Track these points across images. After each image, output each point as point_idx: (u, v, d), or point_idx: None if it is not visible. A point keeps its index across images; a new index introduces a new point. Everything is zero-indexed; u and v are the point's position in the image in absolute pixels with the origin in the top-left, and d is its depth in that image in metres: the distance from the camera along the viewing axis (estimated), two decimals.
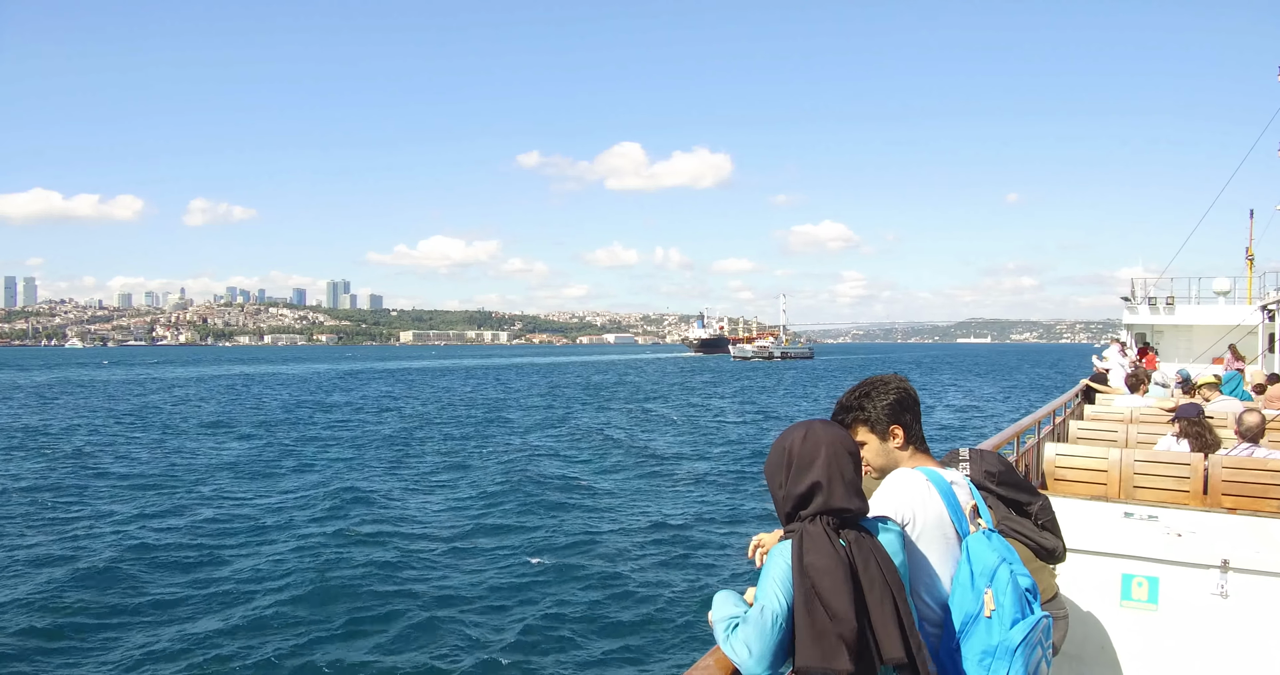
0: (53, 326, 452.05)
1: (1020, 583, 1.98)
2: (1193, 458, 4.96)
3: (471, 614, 9.78)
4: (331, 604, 10.08)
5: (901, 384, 2.25)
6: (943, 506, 2.09)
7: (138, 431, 28.75)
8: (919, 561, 2.04)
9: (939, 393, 50.26)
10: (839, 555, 1.76)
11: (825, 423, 1.99)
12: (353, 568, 11.46)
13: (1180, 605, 3.54)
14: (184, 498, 16.51)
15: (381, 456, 22.52)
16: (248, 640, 8.94)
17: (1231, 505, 4.69)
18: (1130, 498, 4.93)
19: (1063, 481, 5.13)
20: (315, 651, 8.69)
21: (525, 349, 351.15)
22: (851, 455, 1.92)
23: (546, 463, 21.12)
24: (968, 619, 1.97)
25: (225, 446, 24.64)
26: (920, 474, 2.14)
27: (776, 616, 1.75)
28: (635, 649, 8.86)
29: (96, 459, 21.80)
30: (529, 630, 9.27)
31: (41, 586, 10.64)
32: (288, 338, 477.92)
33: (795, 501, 1.87)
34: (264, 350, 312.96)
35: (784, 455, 1.91)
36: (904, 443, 2.22)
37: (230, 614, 9.75)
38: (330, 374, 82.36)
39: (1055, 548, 2.81)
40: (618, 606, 10.07)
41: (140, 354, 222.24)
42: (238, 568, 11.59)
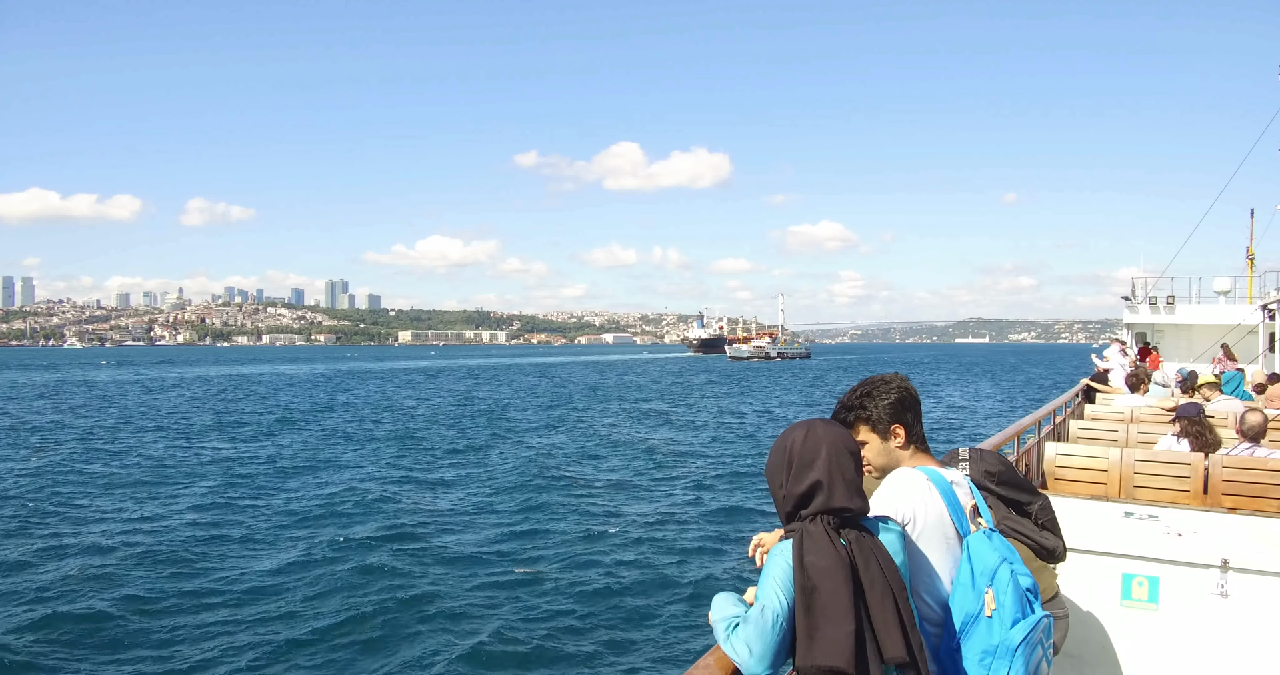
0: (50, 327, 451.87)
1: (1021, 582, 1.98)
2: (1193, 457, 4.97)
3: (472, 614, 9.78)
4: (331, 606, 10.09)
5: (903, 383, 2.26)
6: (943, 506, 2.09)
7: (146, 432, 28.77)
8: (919, 561, 2.04)
9: (935, 391, 50.28)
10: (840, 555, 1.76)
11: (826, 422, 1.99)
12: (352, 568, 11.46)
13: (1181, 605, 3.55)
14: (187, 499, 16.49)
15: (383, 457, 22.52)
16: (246, 641, 8.95)
17: (1232, 505, 4.69)
18: (1130, 497, 4.94)
19: (1063, 481, 5.14)
20: (316, 652, 8.70)
21: (526, 349, 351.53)
22: (853, 455, 1.92)
23: (547, 463, 21.11)
24: (968, 618, 1.97)
25: (223, 447, 24.64)
26: (920, 473, 2.15)
27: (777, 616, 1.76)
28: (635, 648, 8.86)
29: (115, 458, 21.83)
30: (529, 630, 9.27)
31: (47, 587, 10.65)
32: (286, 338, 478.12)
33: (796, 501, 1.88)
34: (263, 350, 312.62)
35: (785, 454, 1.92)
36: (905, 442, 2.23)
37: (226, 614, 9.75)
38: (342, 373, 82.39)
39: (1055, 547, 2.81)
40: (617, 606, 10.07)
41: (139, 354, 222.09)
42: (233, 568, 11.60)
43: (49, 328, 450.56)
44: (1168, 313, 18.53)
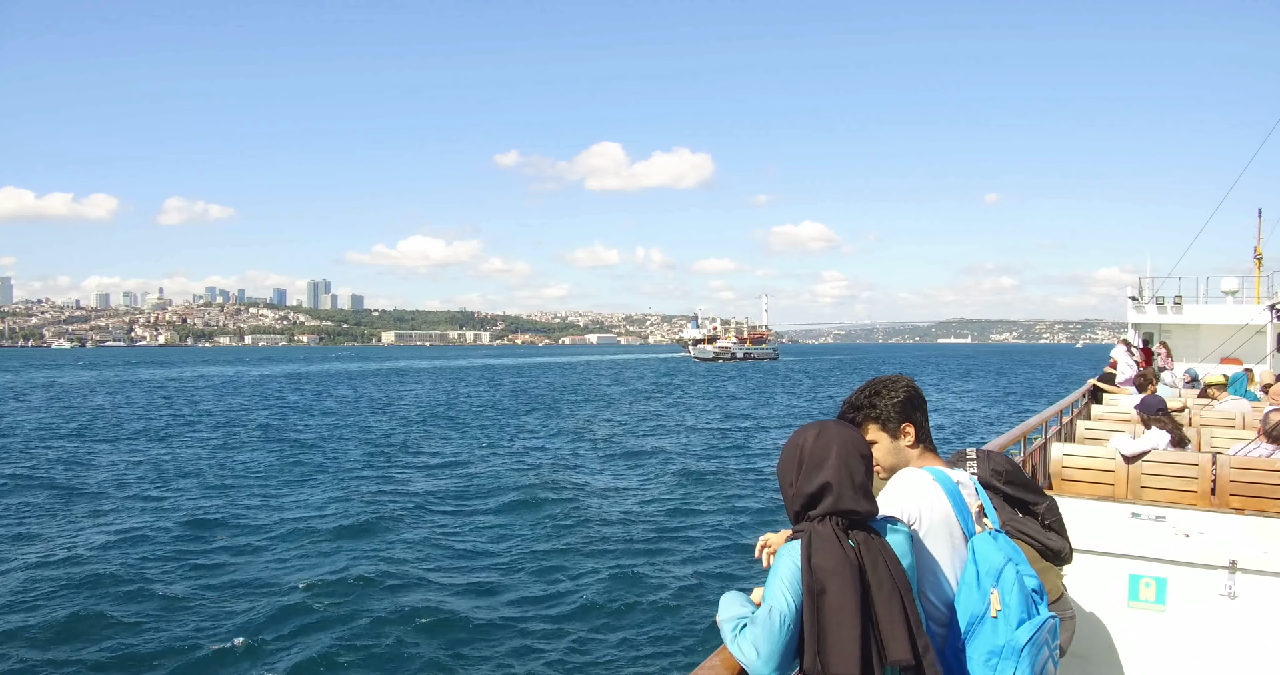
0: (29, 327, 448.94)
1: (1027, 583, 2.00)
2: (1200, 458, 5.02)
3: (475, 614, 9.81)
4: (331, 605, 10.10)
5: (910, 383, 2.29)
6: (949, 506, 2.12)
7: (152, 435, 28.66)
8: (925, 561, 2.06)
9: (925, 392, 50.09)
10: (847, 556, 1.78)
11: (838, 423, 2.02)
12: (352, 568, 11.50)
13: (1188, 606, 3.58)
14: (174, 502, 16.47)
15: (380, 458, 22.51)
16: (241, 641, 8.95)
17: (1239, 505, 4.75)
18: (1138, 498, 4.99)
19: (1070, 482, 5.19)
20: (314, 652, 8.70)
21: (526, 349, 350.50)
22: (863, 458, 1.93)
23: (546, 465, 21.12)
24: (973, 619, 1.99)
25: (197, 450, 24.58)
26: (926, 474, 2.17)
27: (785, 617, 1.77)
28: (641, 649, 8.92)
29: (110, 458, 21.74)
30: (533, 631, 9.32)
31: (43, 589, 10.66)
32: (269, 338, 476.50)
33: (805, 501, 1.90)
34: (248, 351, 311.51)
35: (796, 454, 1.94)
36: (915, 441, 2.26)
37: (221, 617, 9.73)
38: (354, 374, 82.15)
39: (1061, 549, 2.82)
40: (623, 606, 10.13)
41: (120, 355, 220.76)
42: (226, 570, 11.57)
43: (28, 328, 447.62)
44: (1175, 313, 18.60)
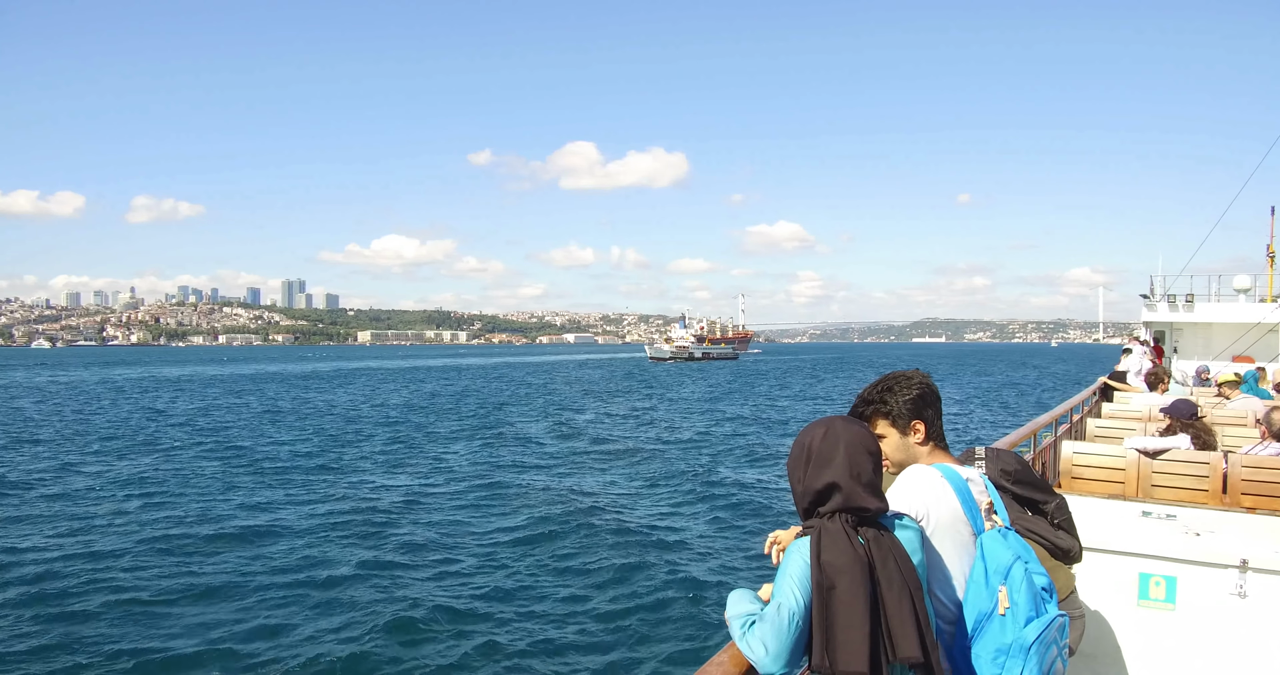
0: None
1: (1035, 581, 2.03)
2: (1212, 457, 5.10)
3: (478, 614, 9.90)
4: (332, 606, 10.20)
5: (924, 379, 2.32)
6: (957, 503, 2.15)
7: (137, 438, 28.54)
8: (933, 558, 2.10)
9: None
10: (857, 554, 1.81)
11: (846, 420, 2.04)
12: (351, 569, 11.61)
13: (1198, 605, 3.62)
14: (177, 507, 16.43)
15: (378, 458, 22.52)
16: (239, 642, 9.02)
17: (1251, 505, 4.83)
18: (1148, 497, 5.07)
19: (1080, 480, 5.27)
20: (315, 651, 8.76)
21: (511, 349, 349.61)
22: (871, 455, 1.96)
23: (545, 465, 21.16)
24: (981, 617, 2.03)
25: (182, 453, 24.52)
26: (935, 471, 2.21)
27: (794, 614, 1.81)
28: (649, 646, 9.02)
29: None
30: (539, 630, 9.41)
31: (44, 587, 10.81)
32: (243, 338, 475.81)
33: (813, 497, 1.93)
34: (224, 350, 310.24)
35: (804, 451, 1.98)
36: (925, 438, 2.30)
37: (217, 614, 9.82)
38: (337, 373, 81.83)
39: (1071, 548, 2.85)
40: (631, 602, 10.25)
41: (91, 355, 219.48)
42: (224, 569, 11.59)
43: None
44: (1186, 311, 18.73)
